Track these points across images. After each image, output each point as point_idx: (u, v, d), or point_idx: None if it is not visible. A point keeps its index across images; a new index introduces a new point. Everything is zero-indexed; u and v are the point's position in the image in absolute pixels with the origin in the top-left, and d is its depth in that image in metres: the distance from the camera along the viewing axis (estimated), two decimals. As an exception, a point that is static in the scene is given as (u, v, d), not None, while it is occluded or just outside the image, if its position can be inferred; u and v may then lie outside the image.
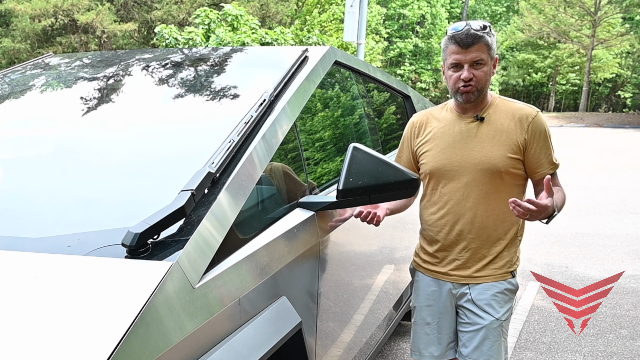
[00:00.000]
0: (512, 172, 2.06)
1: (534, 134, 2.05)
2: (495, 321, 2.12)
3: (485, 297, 2.12)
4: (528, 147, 2.05)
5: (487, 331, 2.12)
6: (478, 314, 2.13)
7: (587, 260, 5.85)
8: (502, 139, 2.05)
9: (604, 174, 12.44)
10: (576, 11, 35.77)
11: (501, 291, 2.13)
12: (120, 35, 22.80)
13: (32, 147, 2.12)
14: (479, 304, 2.13)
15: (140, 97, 2.29)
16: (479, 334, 2.13)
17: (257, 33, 10.96)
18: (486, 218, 2.09)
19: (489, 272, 2.13)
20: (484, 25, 2.01)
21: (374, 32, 34.18)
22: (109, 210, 1.55)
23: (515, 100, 2.16)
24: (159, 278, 1.19)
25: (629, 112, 37.62)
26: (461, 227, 2.12)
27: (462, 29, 1.99)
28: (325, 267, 2.01)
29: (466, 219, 2.11)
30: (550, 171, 2.08)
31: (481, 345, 2.13)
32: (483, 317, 2.12)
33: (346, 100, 2.82)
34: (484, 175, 2.05)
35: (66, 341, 1.05)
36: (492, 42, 2.01)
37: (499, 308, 2.12)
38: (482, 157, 2.05)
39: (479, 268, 2.13)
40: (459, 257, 2.15)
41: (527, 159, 2.06)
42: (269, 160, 1.76)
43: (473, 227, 2.10)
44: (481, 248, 2.12)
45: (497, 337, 2.12)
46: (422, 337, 2.27)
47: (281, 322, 1.60)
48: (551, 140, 2.10)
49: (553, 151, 2.10)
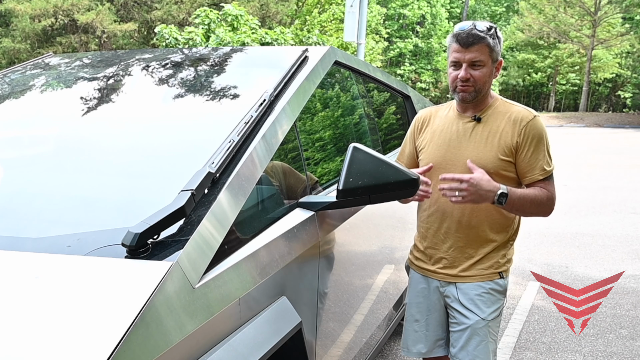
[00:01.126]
0: (502, 174, 2.05)
1: (526, 138, 2.04)
2: (480, 321, 2.12)
3: (471, 297, 2.13)
4: (519, 150, 2.04)
5: (473, 331, 2.12)
6: (464, 313, 2.14)
7: (587, 260, 5.85)
8: (495, 141, 2.05)
9: (604, 174, 12.43)
10: (576, 11, 35.77)
11: (487, 291, 2.13)
12: (120, 35, 22.82)
13: (32, 147, 2.12)
14: (464, 304, 2.14)
15: (140, 97, 2.29)
16: (465, 334, 2.14)
17: (257, 33, 10.96)
18: (474, 218, 2.10)
19: (475, 272, 2.13)
20: (489, 27, 2.01)
21: (374, 32, 34.19)
22: (109, 210, 1.55)
23: (516, 103, 2.15)
24: (159, 278, 1.19)
25: (629, 112, 37.62)
26: (449, 224, 2.13)
27: (466, 29, 2.00)
28: (325, 267, 2.01)
29: (453, 217, 2.12)
30: (540, 177, 2.05)
31: (467, 345, 2.13)
32: (468, 317, 2.13)
33: (346, 100, 2.82)
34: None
35: (66, 341, 1.05)
36: (495, 45, 2.01)
37: (485, 308, 2.12)
38: (473, 157, 2.06)
39: (465, 267, 2.14)
40: (446, 256, 2.16)
41: (517, 162, 2.06)
42: (269, 160, 1.76)
43: (460, 226, 2.11)
44: (467, 247, 2.13)
45: (483, 337, 2.13)
46: (411, 333, 2.31)
47: (281, 322, 1.60)
48: (547, 146, 2.07)
49: (548, 157, 2.07)
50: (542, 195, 2.05)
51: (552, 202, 2.08)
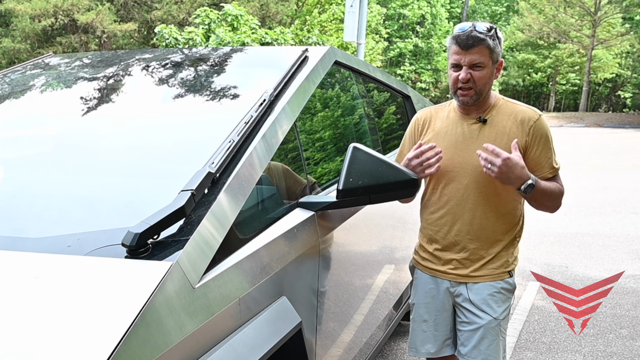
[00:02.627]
0: None
1: (535, 137, 2.05)
2: (493, 320, 2.12)
3: (483, 297, 2.13)
4: (529, 150, 2.05)
5: (485, 330, 2.13)
6: (476, 313, 2.14)
7: (587, 260, 5.85)
8: (504, 142, 2.05)
9: (604, 174, 12.43)
10: (576, 11, 35.76)
11: (498, 290, 2.14)
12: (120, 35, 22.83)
13: (32, 147, 2.12)
14: (476, 304, 2.13)
15: (140, 97, 2.29)
16: (477, 333, 2.14)
17: (257, 33, 10.96)
18: (485, 220, 2.10)
19: (486, 272, 2.13)
20: (489, 28, 2.00)
21: (374, 32, 34.18)
22: (109, 210, 1.55)
23: (519, 102, 2.15)
24: (159, 278, 1.19)
25: (629, 112, 37.61)
26: (460, 227, 2.12)
27: (466, 30, 1.99)
28: (325, 267, 2.01)
29: (465, 219, 2.11)
30: (550, 175, 2.08)
31: (479, 345, 2.14)
32: (481, 317, 2.13)
33: (346, 100, 2.82)
34: (484, 178, 2.05)
35: (66, 341, 1.05)
36: (495, 46, 2.00)
37: (496, 307, 2.13)
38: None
39: (476, 268, 2.13)
40: (457, 257, 2.16)
41: (527, 162, 2.05)
42: (269, 160, 1.76)
43: (472, 228, 2.11)
44: (479, 249, 2.13)
45: (495, 337, 2.13)
46: (419, 334, 2.30)
47: (281, 322, 1.60)
48: (552, 144, 2.10)
49: (554, 155, 2.10)
50: (558, 190, 2.09)
51: (562, 196, 2.12)
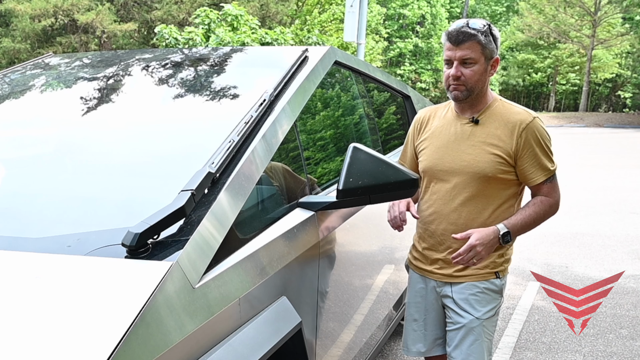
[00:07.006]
0: (501, 177, 2.05)
1: (525, 142, 2.02)
2: (474, 320, 2.12)
3: (465, 296, 2.13)
4: (519, 154, 2.03)
5: (467, 330, 2.13)
6: (458, 312, 2.15)
7: (587, 260, 5.85)
8: (494, 144, 2.04)
9: (604, 174, 12.43)
10: (576, 11, 35.76)
11: (481, 290, 2.13)
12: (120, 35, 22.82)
13: (32, 147, 2.12)
14: (459, 303, 2.14)
15: (140, 97, 2.29)
16: (459, 333, 2.14)
17: (257, 33, 10.95)
18: (470, 220, 2.09)
19: (470, 272, 2.13)
20: (483, 24, 2.00)
21: (374, 32, 34.19)
22: (109, 210, 1.55)
23: (516, 104, 2.12)
24: (159, 278, 1.19)
25: (629, 112, 37.61)
26: (445, 226, 2.13)
27: (458, 26, 1.99)
28: (325, 267, 2.01)
29: (450, 219, 2.11)
30: (543, 178, 2.05)
31: (461, 344, 2.14)
32: (463, 316, 2.14)
33: (346, 100, 2.82)
34: (472, 179, 2.05)
35: (66, 341, 1.05)
36: (488, 42, 1.99)
37: (479, 307, 2.13)
38: (471, 160, 2.05)
39: (460, 268, 2.14)
40: (442, 257, 2.17)
41: (518, 166, 2.04)
42: (269, 160, 1.76)
43: (457, 228, 2.10)
44: None
45: (477, 337, 2.13)
46: (410, 333, 2.32)
47: (281, 322, 1.60)
48: (548, 146, 2.06)
49: (550, 157, 2.06)
50: (543, 208, 2.06)
51: (556, 206, 2.10)
